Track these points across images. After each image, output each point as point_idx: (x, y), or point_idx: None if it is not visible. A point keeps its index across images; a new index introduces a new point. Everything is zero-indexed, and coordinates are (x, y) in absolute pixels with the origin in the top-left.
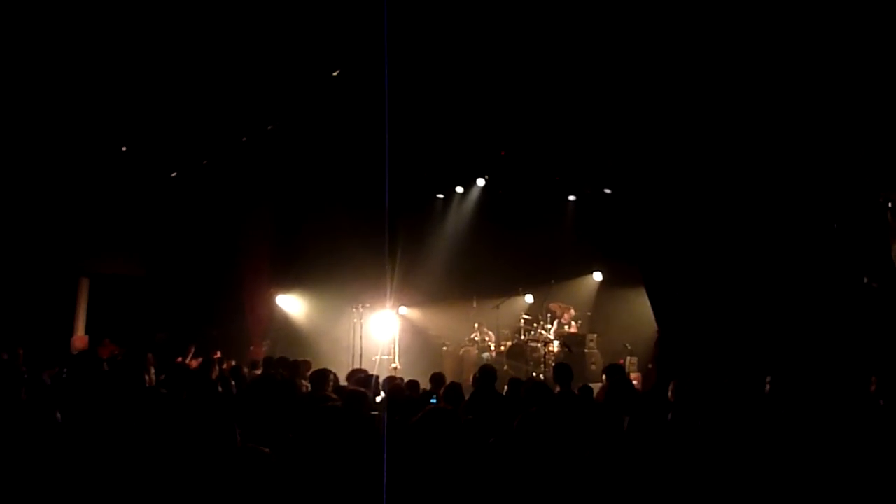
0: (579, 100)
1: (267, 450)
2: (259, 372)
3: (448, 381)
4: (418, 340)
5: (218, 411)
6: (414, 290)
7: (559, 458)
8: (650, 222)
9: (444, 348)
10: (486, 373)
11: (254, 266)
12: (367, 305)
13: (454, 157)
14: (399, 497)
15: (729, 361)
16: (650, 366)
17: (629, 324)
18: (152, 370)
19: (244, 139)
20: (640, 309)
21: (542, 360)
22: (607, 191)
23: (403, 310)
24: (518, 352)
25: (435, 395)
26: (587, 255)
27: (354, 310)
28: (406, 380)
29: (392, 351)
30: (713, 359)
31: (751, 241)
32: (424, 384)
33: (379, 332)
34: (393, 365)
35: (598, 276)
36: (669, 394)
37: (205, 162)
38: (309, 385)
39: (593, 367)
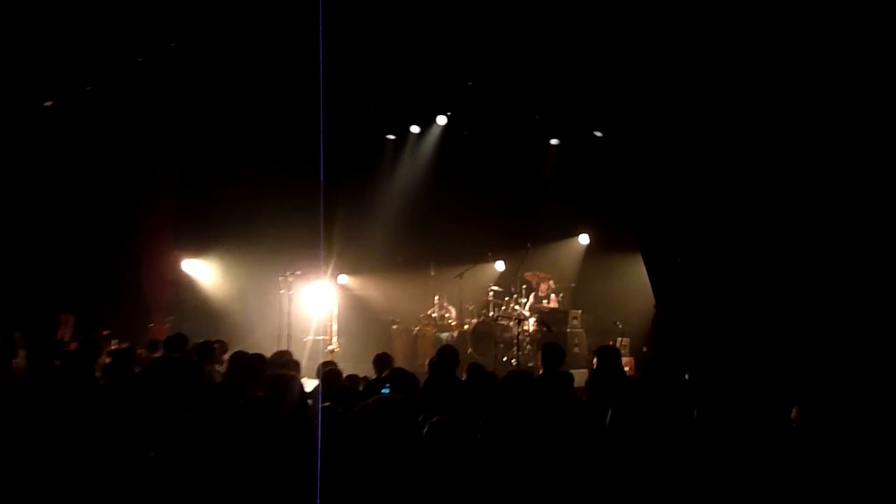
0: (565, 14)
1: (153, 454)
2: (159, 355)
3: (398, 366)
4: (362, 317)
5: (92, 406)
6: (357, 254)
7: (535, 467)
8: (650, 174)
9: (395, 327)
10: (446, 356)
11: (154, 223)
12: (298, 273)
13: (408, 88)
14: None
15: (742, 346)
16: (645, 349)
17: (621, 298)
18: (22, 353)
19: (140, 59)
20: (634, 280)
21: (515, 341)
22: (598, 133)
23: (343, 279)
24: (485, 332)
25: (387, 386)
26: (571, 214)
27: (281, 279)
28: (345, 365)
29: (328, 330)
30: (723, 343)
31: (773, 199)
32: (369, 371)
33: (312, 307)
34: (329, 348)
35: (584, 240)
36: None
37: (88, 88)
38: (223, 371)
39: (576, 349)
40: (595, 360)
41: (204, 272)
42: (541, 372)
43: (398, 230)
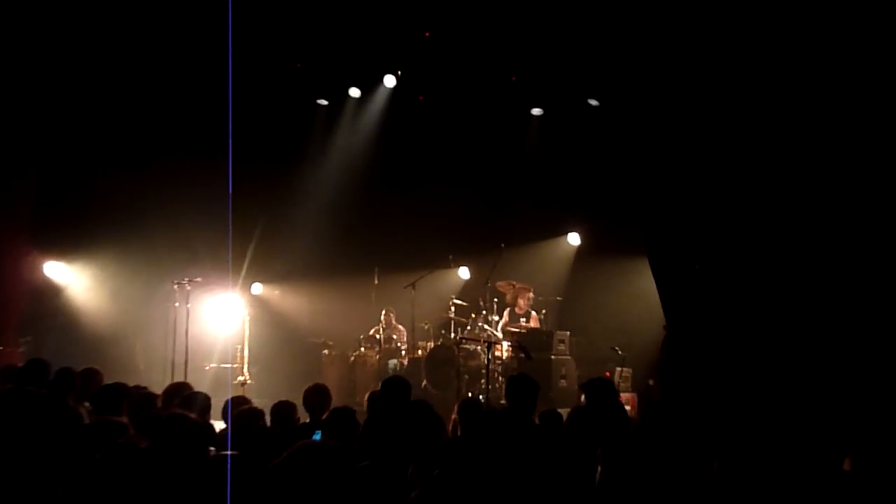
0: None
1: None
2: (9, 388)
3: (333, 402)
4: (283, 339)
5: None
6: (278, 257)
7: None
8: (661, 155)
9: (326, 352)
10: (393, 390)
11: (6, 219)
12: (198, 281)
13: (345, 38)
14: None
15: (781, 381)
16: (651, 382)
17: (621, 316)
18: None
19: None
20: (638, 292)
21: (484, 371)
22: (593, 102)
23: (258, 289)
24: (444, 358)
25: (319, 429)
26: (558, 206)
27: (176, 287)
28: (260, 403)
29: (238, 356)
30: (756, 376)
31: (810, 189)
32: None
33: (217, 325)
34: (240, 379)
35: (573, 240)
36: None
37: None
38: (92, 409)
39: (563, 382)
40: (583, 397)
41: (73, 279)
42: (507, 414)
43: (332, 226)
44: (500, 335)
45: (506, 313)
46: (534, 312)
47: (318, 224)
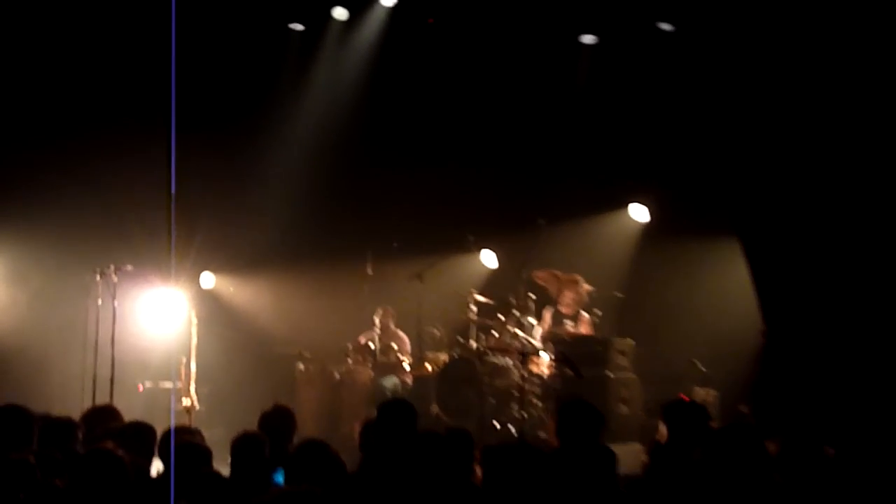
0: None
1: None
2: None
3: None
4: (243, 349)
5: None
6: (236, 238)
7: None
8: (761, 102)
9: (302, 367)
10: (393, 418)
11: None
12: (128, 270)
13: None
14: None
15: None
16: (742, 407)
17: (703, 318)
18: None
19: None
20: (726, 286)
21: (517, 393)
22: (665, 26)
23: (209, 280)
24: (462, 375)
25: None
26: (616, 169)
27: (98, 278)
28: (211, 434)
29: (182, 372)
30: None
31: None
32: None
33: (153, 330)
34: (185, 402)
35: (637, 214)
36: None
37: None
38: None
39: (624, 408)
40: (660, 428)
41: None
42: (555, 447)
43: (310, 196)
44: (538, 344)
45: (547, 314)
46: (584, 313)
47: (290, 194)
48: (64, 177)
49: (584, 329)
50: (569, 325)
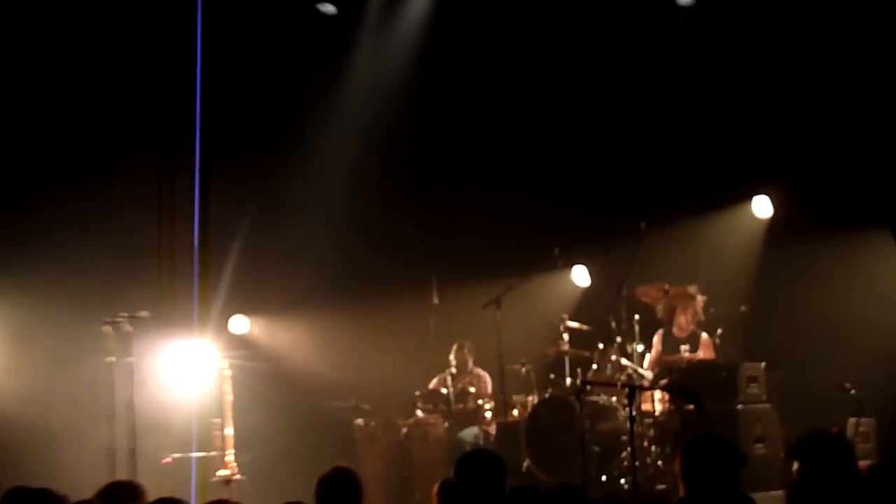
0: None
1: None
2: None
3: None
4: (288, 405)
5: None
6: (271, 273)
7: None
8: None
9: (361, 422)
10: (478, 473)
11: None
12: (144, 317)
13: None
14: None
15: None
16: None
17: (852, 332)
18: None
19: None
20: (881, 290)
21: (626, 438)
22: None
23: (243, 325)
24: (557, 420)
25: None
26: (732, 155)
27: (110, 329)
28: None
29: (218, 437)
30: None
31: None
32: None
33: (179, 389)
34: (221, 473)
35: (762, 209)
36: None
37: None
38: None
39: (761, 448)
40: (795, 468)
41: None
42: (680, 497)
43: (356, 216)
44: (648, 375)
45: (656, 338)
46: (703, 334)
47: (334, 216)
48: (70, 217)
49: (704, 353)
50: (685, 350)
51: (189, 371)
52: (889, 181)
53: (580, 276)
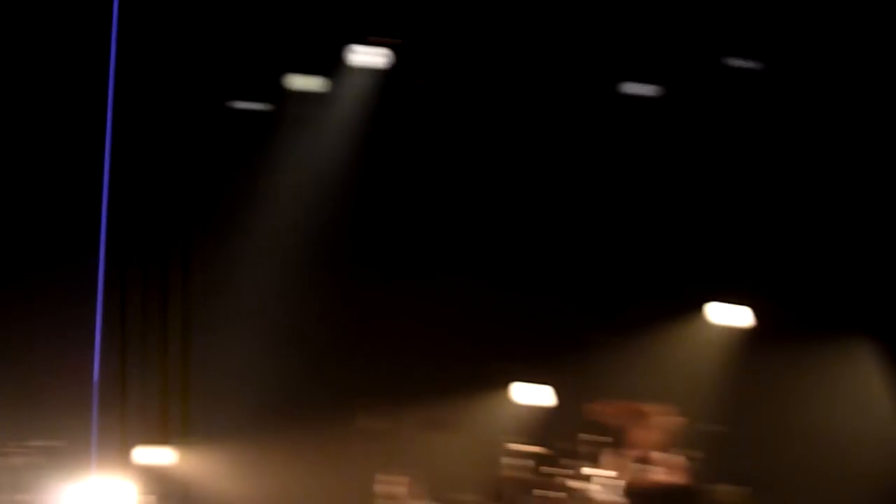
0: None
1: None
2: None
3: None
4: None
5: None
6: (187, 396)
7: None
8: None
9: None
10: None
11: None
12: (39, 447)
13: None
14: None
15: None
16: None
17: (843, 449)
18: None
19: None
20: (867, 401)
21: None
22: (740, 63)
23: (154, 455)
24: None
25: None
26: (700, 258)
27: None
28: None
29: None
30: None
31: None
32: None
33: None
34: None
35: (736, 318)
36: None
37: None
38: None
39: None
40: None
41: None
42: None
43: (284, 336)
44: (608, 496)
45: (618, 460)
46: (673, 456)
47: (259, 333)
48: None
49: (675, 477)
50: (652, 473)
51: None
52: (870, 289)
53: (528, 393)
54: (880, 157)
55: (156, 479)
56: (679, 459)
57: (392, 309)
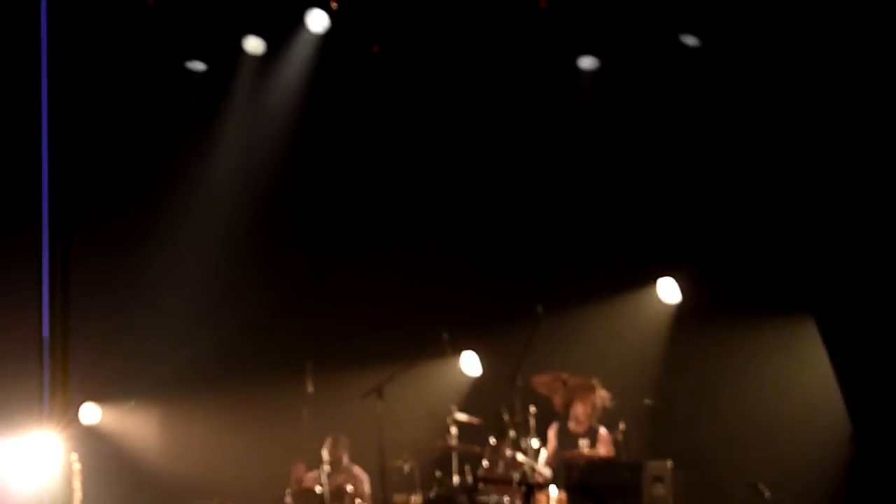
0: None
1: None
2: None
3: None
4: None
5: None
6: (128, 356)
7: None
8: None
9: None
10: None
11: None
12: None
13: None
14: None
15: None
16: None
17: (766, 425)
18: None
19: None
20: (798, 380)
21: None
22: (690, 40)
23: (93, 414)
24: None
25: None
26: (638, 233)
27: None
28: None
29: None
30: None
31: None
32: None
33: (16, 488)
34: None
35: (669, 293)
36: None
37: None
38: None
39: None
40: None
41: None
42: None
43: (224, 293)
44: (546, 471)
45: (552, 431)
46: (603, 430)
47: (199, 295)
48: None
49: (604, 450)
50: (584, 446)
51: (31, 467)
52: (812, 266)
53: (470, 363)
54: (826, 131)
55: (95, 437)
56: (607, 433)
57: (334, 275)
